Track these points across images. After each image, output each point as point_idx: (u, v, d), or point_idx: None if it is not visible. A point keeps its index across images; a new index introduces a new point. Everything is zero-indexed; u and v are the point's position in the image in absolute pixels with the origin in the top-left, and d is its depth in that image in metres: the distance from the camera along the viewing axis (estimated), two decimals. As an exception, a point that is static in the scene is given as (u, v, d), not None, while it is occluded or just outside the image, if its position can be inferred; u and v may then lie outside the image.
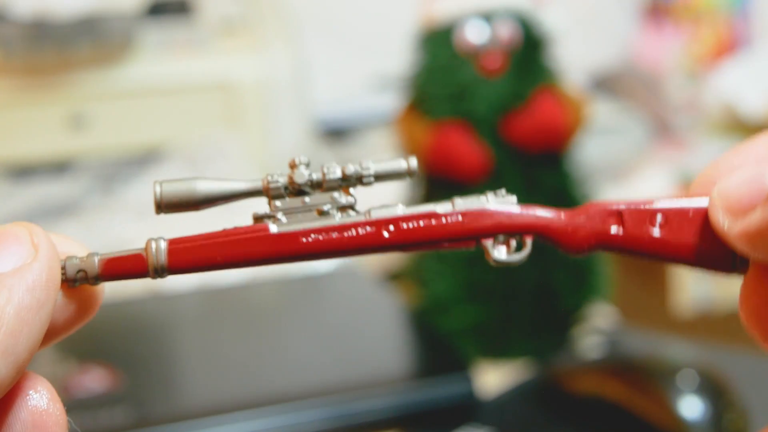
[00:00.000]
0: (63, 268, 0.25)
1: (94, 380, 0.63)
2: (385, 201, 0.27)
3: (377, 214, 0.26)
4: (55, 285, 0.23)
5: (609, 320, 0.80)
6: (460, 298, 0.74)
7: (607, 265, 0.78)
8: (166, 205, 0.26)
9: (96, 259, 0.25)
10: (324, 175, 0.26)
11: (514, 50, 0.74)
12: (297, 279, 0.85)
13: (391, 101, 0.91)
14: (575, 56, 0.99)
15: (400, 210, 0.26)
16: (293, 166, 0.26)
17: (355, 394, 0.60)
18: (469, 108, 0.73)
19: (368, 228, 0.26)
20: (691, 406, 0.56)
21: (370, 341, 0.70)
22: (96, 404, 0.59)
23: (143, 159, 1.18)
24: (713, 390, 0.57)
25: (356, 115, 1.30)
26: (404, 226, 0.26)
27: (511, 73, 0.73)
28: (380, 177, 0.27)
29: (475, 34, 0.74)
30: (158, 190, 0.26)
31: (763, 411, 0.59)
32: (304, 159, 0.26)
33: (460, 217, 0.26)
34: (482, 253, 0.75)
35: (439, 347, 0.70)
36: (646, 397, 0.58)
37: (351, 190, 0.27)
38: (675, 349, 0.71)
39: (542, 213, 0.26)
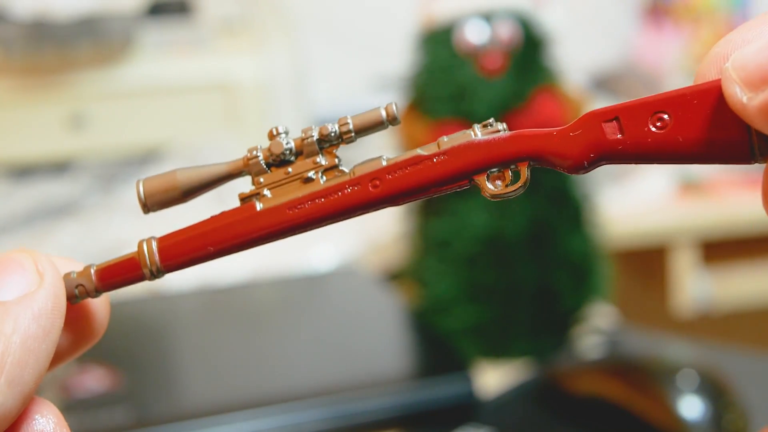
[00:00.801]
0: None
1: (94, 380, 0.63)
2: None
3: (361, 170, 0.24)
4: (61, 312, 0.22)
5: (609, 320, 0.80)
6: (460, 298, 0.74)
7: (607, 265, 0.78)
8: (151, 203, 0.25)
9: (92, 270, 0.25)
10: (302, 140, 0.25)
11: (514, 50, 0.74)
12: (296, 279, 0.85)
13: (390, 101, 0.90)
14: (575, 56, 0.99)
15: (384, 161, 0.25)
16: (271, 136, 0.25)
17: (354, 394, 0.60)
18: (469, 108, 0.73)
19: (354, 187, 0.24)
20: (691, 406, 0.56)
21: (370, 341, 0.70)
22: (96, 404, 0.59)
23: (143, 159, 1.18)
24: (713, 390, 0.58)
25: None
26: (390, 176, 0.24)
27: (511, 73, 0.73)
28: (362, 130, 0.25)
29: (475, 34, 0.74)
30: (141, 188, 0.25)
31: (763, 411, 0.59)
32: (281, 128, 0.25)
33: (447, 156, 0.24)
34: (483, 253, 0.75)
35: (439, 347, 0.70)
36: (646, 397, 0.58)
37: (336, 151, 0.25)
38: (675, 349, 0.71)
39: (534, 136, 0.24)
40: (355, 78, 1.34)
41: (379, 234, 0.97)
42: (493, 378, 0.71)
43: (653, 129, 0.23)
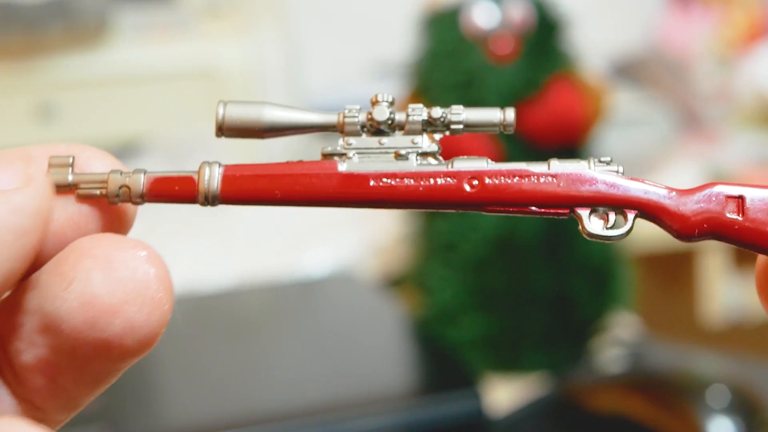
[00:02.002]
0: (105, 182, 0.25)
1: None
2: None
3: (460, 165, 0.25)
4: (43, 220, 0.23)
5: (631, 330, 0.80)
6: (467, 306, 0.74)
7: (630, 270, 0.78)
8: (228, 128, 0.26)
9: (142, 176, 0.25)
10: (408, 116, 0.26)
11: (527, 34, 0.74)
12: (288, 285, 0.85)
13: (391, 90, 0.90)
14: (594, 41, 0.99)
15: (487, 164, 0.25)
16: (375, 102, 0.26)
17: (352, 412, 0.60)
18: (477, 97, 0.73)
19: (449, 179, 0.25)
20: (721, 426, 0.56)
21: (369, 354, 0.70)
22: (66, 424, 0.59)
23: (119, 153, 1.18)
24: (746, 408, 0.58)
25: (353, 104, 1.30)
26: (490, 181, 0.25)
27: (523, 60, 0.73)
28: (471, 126, 0.26)
29: (484, 16, 0.74)
30: (221, 111, 0.26)
31: (800, 430, 0.59)
32: (387, 96, 0.26)
33: (556, 180, 0.25)
34: (493, 257, 0.75)
35: (445, 360, 0.70)
36: (672, 416, 0.58)
37: (436, 136, 0.26)
38: (704, 363, 0.71)
39: (652, 188, 0.25)
40: (352, 65, 1.34)
41: (379, 235, 0.97)
42: (504, 394, 0.71)
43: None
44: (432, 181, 0.25)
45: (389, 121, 0.26)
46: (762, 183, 0.25)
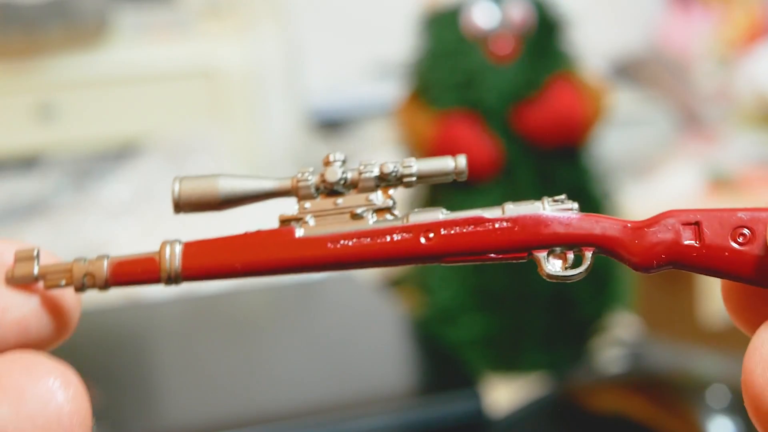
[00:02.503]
0: (69, 271, 0.25)
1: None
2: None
3: (415, 219, 0.25)
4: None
5: (632, 330, 0.80)
6: (467, 307, 0.74)
7: (629, 271, 0.78)
8: (185, 205, 0.26)
9: (105, 262, 0.25)
10: (360, 173, 0.25)
11: (527, 34, 0.74)
12: (288, 286, 0.85)
13: (391, 90, 0.90)
14: (594, 40, 0.99)
15: (442, 215, 0.25)
16: (327, 163, 0.26)
17: (352, 413, 0.60)
18: (477, 97, 0.73)
19: (404, 234, 0.25)
20: (721, 426, 0.56)
21: (369, 354, 0.70)
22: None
23: (119, 154, 1.18)
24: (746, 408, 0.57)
25: (353, 105, 1.30)
26: (445, 232, 0.25)
27: (523, 59, 0.73)
28: (423, 177, 0.26)
29: (484, 16, 0.74)
30: (176, 188, 0.26)
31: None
32: (339, 156, 0.26)
33: (511, 224, 0.25)
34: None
35: (445, 360, 0.70)
36: (673, 416, 0.58)
37: (391, 191, 0.26)
38: (705, 363, 0.71)
39: (607, 223, 0.25)
40: (352, 65, 1.35)
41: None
42: (504, 394, 0.71)
43: (733, 244, 0.24)
44: (388, 237, 0.25)
45: (342, 181, 0.26)
46: (723, 204, 0.25)
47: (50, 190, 1.12)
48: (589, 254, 0.25)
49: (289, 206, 0.26)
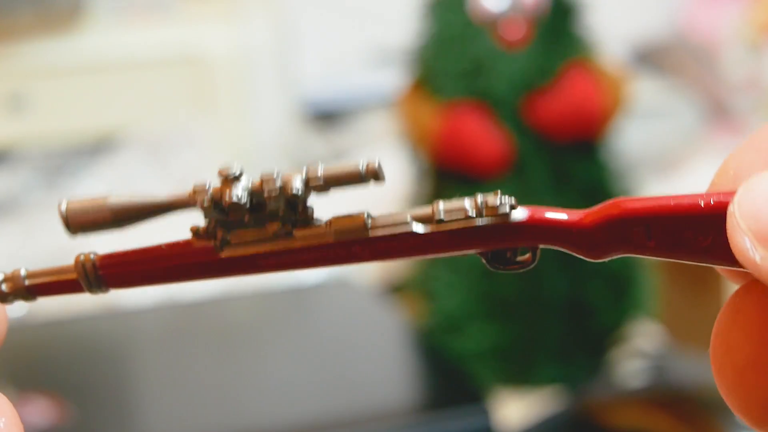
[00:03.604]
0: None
1: (36, 413, 0.63)
2: (381, 196, 0.27)
3: (340, 229, 0.25)
4: None
5: (655, 341, 0.80)
6: (475, 315, 0.74)
7: (653, 274, 0.78)
8: (74, 224, 0.26)
9: (23, 270, 0.26)
10: (267, 199, 0.25)
11: (540, 17, 0.74)
12: (280, 292, 0.85)
13: (392, 79, 0.90)
14: (614, 24, 0.99)
15: (369, 223, 0.26)
16: (225, 183, 0.25)
17: (349, 431, 0.60)
18: (486, 86, 0.73)
19: (334, 249, 0.26)
20: (752, 445, 0.56)
21: (368, 367, 0.70)
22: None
23: (95, 148, 1.18)
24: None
25: (351, 95, 1.30)
26: (375, 244, 0.25)
27: (536, 45, 0.73)
28: (334, 184, 0.26)
29: (493, -3, 0.74)
30: (63, 208, 0.26)
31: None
32: (236, 170, 0.25)
33: (443, 237, 0.25)
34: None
35: (451, 374, 0.70)
36: (698, 434, 0.58)
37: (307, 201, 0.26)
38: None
39: (548, 223, 0.25)
40: (350, 51, 1.35)
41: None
42: (515, 410, 0.71)
43: (684, 239, 0.24)
44: (314, 254, 0.26)
45: (245, 208, 0.25)
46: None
47: (20, 188, 1.12)
48: (535, 251, 0.26)
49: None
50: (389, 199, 0.92)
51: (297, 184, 0.25)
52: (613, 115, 0.75)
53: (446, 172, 0.75)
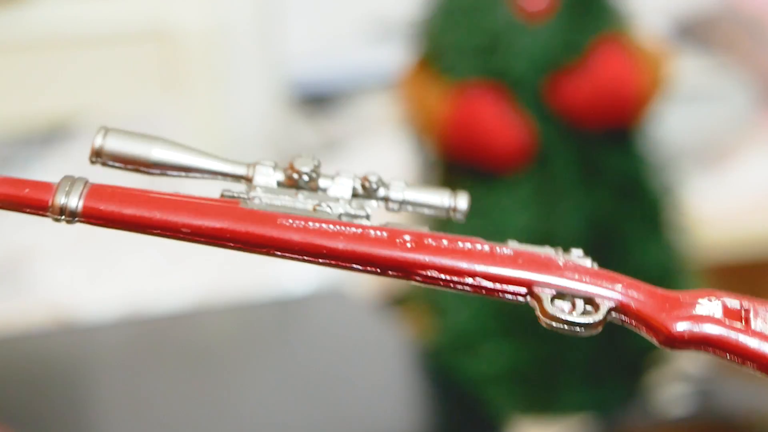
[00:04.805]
0: None
1: (-21, 445, 0.63)
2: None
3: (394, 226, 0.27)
4: None
5: (699, 363, 0.80)
6: (490, 332, 0.74)
7: (697, 284, 0.78)
8: (107, 154, 0.28)
9: None
10: (333, 177, 0.28)
11: (567, -16, 0.74)
12: (262, 304, 0.86)
13: (394, 56, 0.91)
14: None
15: (427, 231, 0.27)
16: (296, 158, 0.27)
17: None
18: (503, 65, 0.73)
19: (377, 233, 0.26)
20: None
21: (366, 390, 0.71)
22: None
23: (48, 136, 1.18)
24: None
25: (345, 75, 1.31)
26: (432, 242, 0.26)
27: (561, 17, 0.74)
28: (409, 205, 0.28)
29: (511, -39, 0.74)
30: (101, 137, 0.28)
31: None
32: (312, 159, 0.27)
33: (513, 255, 0.27)
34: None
35: (461, 399, 0.70)
36: (749, 469, 0.58)
37: (367, 203, 0.28)
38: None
39: (632, 287, 0.27)
40: (344, 24, 1.35)
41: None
42: (536, 442, 0.71)
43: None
44: (354, 230, 0.26)
45: (310, 176, 0.27)
46: None
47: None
48: (604, 308, 0.26)
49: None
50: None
51: (373, 180, 0.27)
52: (651, 98, 0.75)
53: (457, 165, 0.75)
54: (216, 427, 0.66)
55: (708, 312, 0.26)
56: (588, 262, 0.27)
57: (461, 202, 0.27)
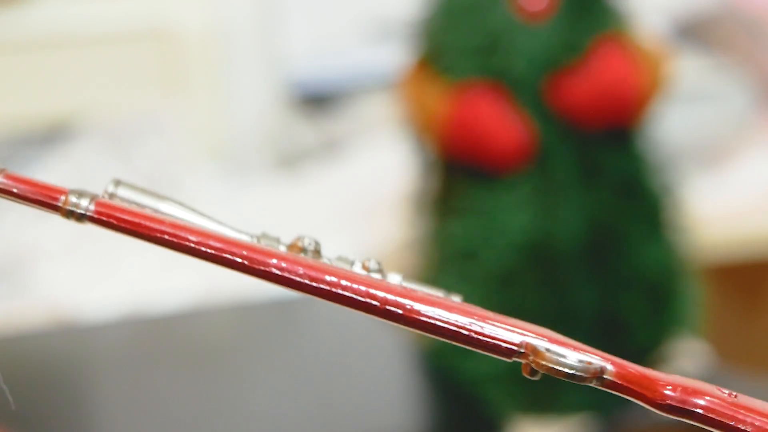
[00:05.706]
0: None
1: (-21, 445, 0.63)
2: (382, 196, 0.28)
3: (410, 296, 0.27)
4: None
5: (700, 361, 0.80)
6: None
7: (697, 284, 0.78)
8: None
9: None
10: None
11: (567, -16, 0.74)
12: (262, 305, 0.86)
13: (393, 56, 0.91)
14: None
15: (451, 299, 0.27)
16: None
17: (344, 464, 0.61)
18: (503, 64, 0.73)
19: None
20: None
21: (366, 390, 0.71)
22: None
23: (47, 137, 1.18)
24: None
25: (345, 75, 1.31)
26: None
27: (561, 16, 0.74)
28: None
29: (511, -39, 0.74)
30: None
31: None
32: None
33: (493, 324, 0.26)
34: (523, 268, 0.75)
35: (461, 399, 0.70)
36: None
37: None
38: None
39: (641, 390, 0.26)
40: (344, 24, 1.35)
41: (378, 241, 0.98)
42: (536, 442, 0.71)
43: None
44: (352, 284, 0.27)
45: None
46: None
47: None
48: (595, 380, 0.25)
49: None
50: (390, 199, 0.92)
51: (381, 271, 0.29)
52: (652, 98, 0.75)
53: (456, 166, 0.75)
54: (216, 426, 0.66)
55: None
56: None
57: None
